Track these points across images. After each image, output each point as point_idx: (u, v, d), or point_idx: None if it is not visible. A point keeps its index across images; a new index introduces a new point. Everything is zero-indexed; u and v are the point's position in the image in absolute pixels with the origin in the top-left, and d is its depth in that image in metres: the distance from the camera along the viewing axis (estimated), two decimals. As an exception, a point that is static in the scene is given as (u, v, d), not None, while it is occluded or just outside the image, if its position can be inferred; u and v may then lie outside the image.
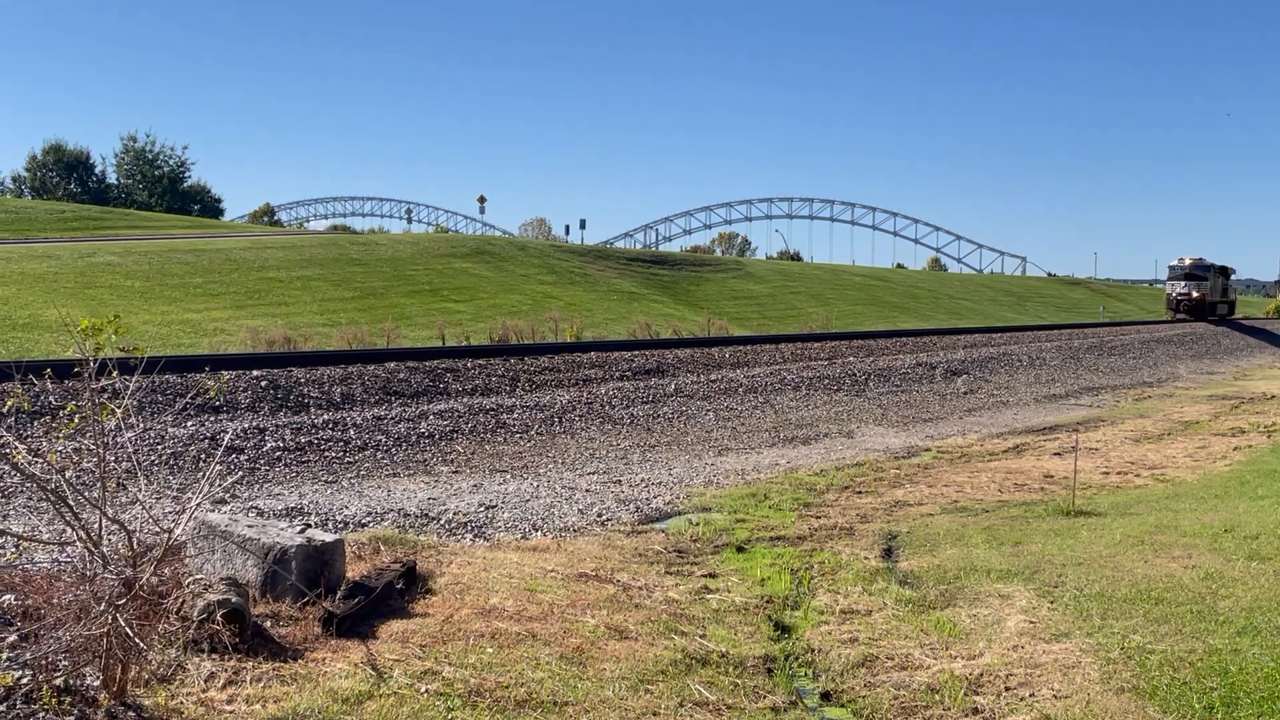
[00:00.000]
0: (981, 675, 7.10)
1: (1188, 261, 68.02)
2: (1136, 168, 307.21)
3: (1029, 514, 12.63)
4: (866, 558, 10.58)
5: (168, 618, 6.04)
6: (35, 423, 12.71)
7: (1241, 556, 9.47)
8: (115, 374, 5.70)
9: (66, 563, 6.40)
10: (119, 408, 5.73)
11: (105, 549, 5.70)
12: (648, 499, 13.47)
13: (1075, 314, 78.47)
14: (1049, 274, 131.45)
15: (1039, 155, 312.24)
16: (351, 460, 14.69)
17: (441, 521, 11.57)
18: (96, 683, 5.60)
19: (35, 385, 6.81)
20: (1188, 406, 27.11)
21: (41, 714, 5.31)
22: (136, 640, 5.29)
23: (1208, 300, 66.43)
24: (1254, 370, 41.95)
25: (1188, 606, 8.11)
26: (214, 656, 6.19)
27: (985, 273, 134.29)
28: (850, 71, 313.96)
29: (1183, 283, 67.58)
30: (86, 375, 5.35)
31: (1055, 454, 18.19)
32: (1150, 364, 40.31)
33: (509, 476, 14.42)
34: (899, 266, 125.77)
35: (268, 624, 6.94)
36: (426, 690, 6.21)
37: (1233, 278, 75.60)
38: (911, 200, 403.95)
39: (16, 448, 6.24)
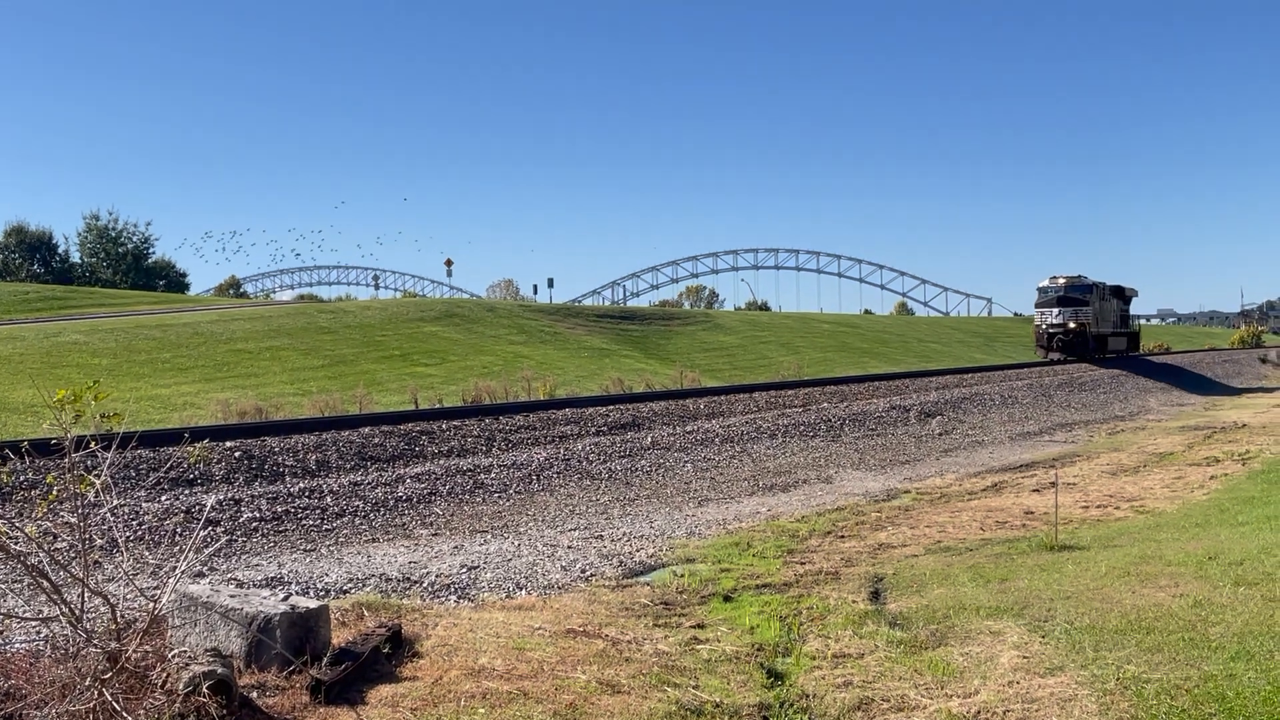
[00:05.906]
0: (979, 713, 7.04)
1: (1061, 281, 49.82)
2: (1099, 205, 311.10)
3: (1013, 550, 12.63)
4: (855, 601, 10.54)
5: (153, 692, 5.91)
6: (6, 504, 12.52)
7: (1228, 583, 9.48)
8: (94, 444, 5.63)
9: (47, 640, 6.26)
10: (98, 478, 5.65)
11: (87, 624, 5.60)
12: (631, 553, 13.39)
13: (1043, 352, 78.66)
14: (1015, 314, 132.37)
15: (1001, 196, 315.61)
16: (330, 527, 14.53)
17: (424, 584, 11.45)
18: (82, 762, 5.47)
19: (11, 459, 6.70)
20: (1161, 438, 27.31)
21: (26, 797, 5.17)
22: (124, 715, 5.18)
23: (1090, 332, 48.95)
24: (1224, 401, 42.34)
25: (1179, 634, 8.10)
26: (201, 730, 6.06)
27: (952, 315, 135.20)
28: (809, 122, 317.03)
29: (1055, 310, 49.32)
30: (67, 444, 5.27)
31: (1034, 490, 18.26)
32: (1121, 398, 40.63)
33: (490, 536, 14.31)
34: (867, 312, 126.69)
35: (254, 694, 6.82)
36: (420, 754, 6.10)
37: (1133, 301, 57.40)
38: (876, 246, 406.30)
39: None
